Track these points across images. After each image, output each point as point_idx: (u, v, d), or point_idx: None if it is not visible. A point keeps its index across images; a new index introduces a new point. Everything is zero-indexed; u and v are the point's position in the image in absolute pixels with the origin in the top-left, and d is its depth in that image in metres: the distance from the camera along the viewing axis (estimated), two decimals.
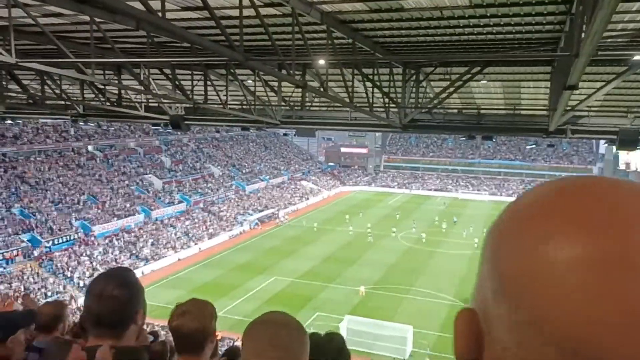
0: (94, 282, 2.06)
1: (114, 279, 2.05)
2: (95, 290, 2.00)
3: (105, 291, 1.97)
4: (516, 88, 16.41)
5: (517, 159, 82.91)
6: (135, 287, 2.08)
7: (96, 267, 38.88)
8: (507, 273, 0.47)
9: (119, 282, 2.02)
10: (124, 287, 2.02)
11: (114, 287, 1.99)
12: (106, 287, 1.99)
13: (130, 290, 2.04)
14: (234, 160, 72.76)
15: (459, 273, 40.52)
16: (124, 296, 1.99)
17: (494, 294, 0.48)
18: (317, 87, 13.29)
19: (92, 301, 2.00)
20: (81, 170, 50.99)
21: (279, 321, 1.58)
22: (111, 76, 16.01)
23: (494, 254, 0.50)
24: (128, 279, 2.09)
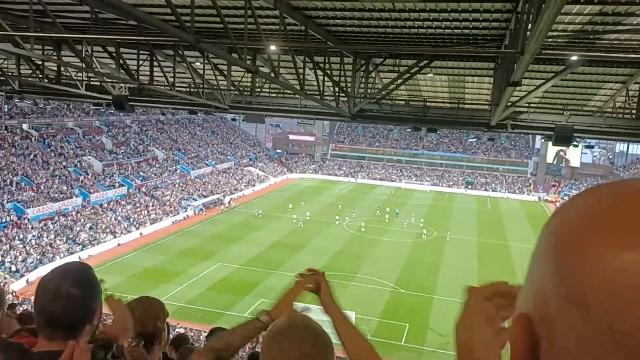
0: (48, 278, 1.88)
1: (71, 275, 1.88)
2: (50, 287, 1.83)
3: (61, 289, 1.81)
4: (461, 82, 16.93)
5: (459, 151, 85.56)
6: (93, 284, 1.94)
7: (30, 251, 37.18)
8: (577, 281, 0.45)
9: (76, 280, 1.87)
10: (81, 285, 1.87)
11: (71, 285, 1.83)
12: (62, 285, 1.82)
13: (88, 288, 1.90)
14: (179, 144, 71.11)
15: (400, 261, 41.58)
16: (81, 295, 1.85)
17: (562, 301, 0.46)
18: (268, 73, 13.19)
19: (46, 300, 1.83)
20: (15, 149, 48.33)
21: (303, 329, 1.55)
22: (51, 52, 15.23)
23: (558, 259, 0.48)
24: (85, 276, 1.94)
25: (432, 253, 43.98)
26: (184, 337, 5.01)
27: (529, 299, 0.52)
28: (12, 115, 51.20)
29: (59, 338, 1.83)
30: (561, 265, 0.47)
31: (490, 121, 14.21)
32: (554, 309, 0.47)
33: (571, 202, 0.51)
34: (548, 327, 0.48)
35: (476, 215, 61.38)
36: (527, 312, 0.52)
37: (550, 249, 0.49)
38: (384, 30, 11.68)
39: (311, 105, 16.87)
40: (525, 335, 0.51)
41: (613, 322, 0.42)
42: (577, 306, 0.44)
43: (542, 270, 0.50)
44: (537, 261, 0.51)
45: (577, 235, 0.47)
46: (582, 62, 11.73)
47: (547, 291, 0.48)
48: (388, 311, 31.76)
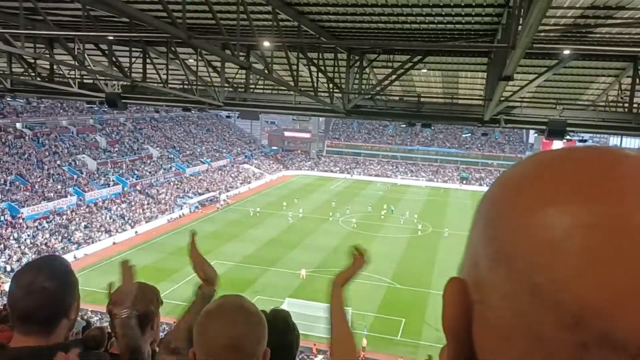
0: (21, 273, 1.82)
1: (45, 269, 1.82)
2: (23, 282, 1.78)
3: (35, 283, 1.75)
4: (454, 78, 16.94)
5: (453, 146, 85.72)
6: (68, 278, 1.88)
7: (25, 250, 37.06)
8: (503, 240, 0.46)
9: (50, 273, 1.80)
10: (55, 278, 1.80)
11: (45, 278, 1.77)
12: (35, 279, 1.76)
13: (63, 281, 1.84)
14: (174, 141, 70.90)
15: (396, 256, 41.67)
16: (55, 289, 1.78)
17: (488, 262, 0.47)
18: (261, 70, 13.17)
19: (19, 294, 1.77)
20: (8, 149, 48.08)
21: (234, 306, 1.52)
22: (42, 50, 15.14)
23: (489, 222, 0.49)
24: (60, 269, 1.87)
25: (427, 248, 44.10)
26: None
27: (465, 265, 0.53)
28: (5, 114, 50.92)
29: (34, 333, 1.79)
30: (490, 226, 0.48)
31: (484, 116, 14.24)
32: (483, 269, 0.48)
33: (505, 170, 0.52)
34: (478, 288, 0.49)
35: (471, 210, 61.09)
36: (460, 276, 0.53)
37: (481, 213, 0.51)
38: (377, 26, 11.68)
39: (306, 102, 16.86)
40: (456, 299, 0.51)
41: (532, 276, 0.43)
42: (502, 264, 0.45)
43: (475, 234, 0.51)
44: (472, 226, 0.52)
45: (504, 196, 0.49)
46: (575, 56, 11.77)
47: (478, 253, 0.49)
48: (384, 306, 31.85)
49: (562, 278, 0.41)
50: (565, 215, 0.42)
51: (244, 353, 1.45)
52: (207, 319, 1.50)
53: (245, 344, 1.45)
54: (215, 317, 1.48)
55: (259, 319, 1.52)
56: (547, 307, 0.42)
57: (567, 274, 0.41)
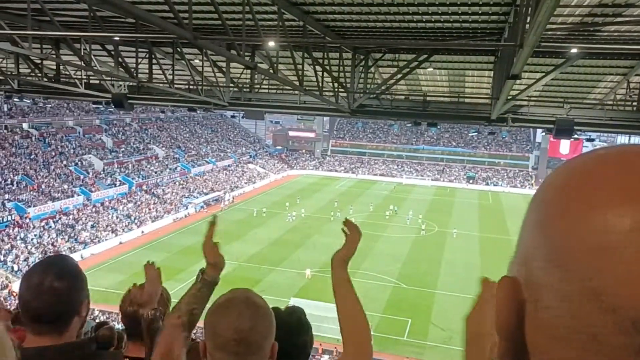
0: (30, 273, 1.84)
1: (53, 269, 1.84)
2: (32, 282, 1.80)
3: (44, 284, 1.77)
4: (461, 76, 16.87)
5: (460, 145, 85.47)
6: (77, 276, 1.89)
7: (31, 250, 37.23)
8: (557, 241, 0.46)
9: (59, 273, 1.82)
10: (64, 278, 1.82)
11: (54, 278, 1.78)
12: (44, 280, 1.78)
13: (72, 280, 1.85)
14: (179, 141, 71.08)
15: (402, 256, 41.60)
16: (65, 288, 1.80)
17: (542, 263, 0.47)
18: (266, 69, 13.16)
19: (30, 295, 1.79)
20: (15, 149, 48.33)
21: (242, 300, 1.54)
22: (49, 50, 15.20)
23: (541, 222, 0.48)
24: (68, 268, 1.89)
25: (433, 248, 43.98)
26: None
27: (516, 264, 0.53)
28: (12, 115, 51.20)
29: (47, 333, 1.80)
30: (544, 227, 0.48)
31: (491, 115, 14.18)
32: (537, 270, 0.48)
33: (557, 169, 0.52)
34: (533, 288, 0.49)
35: (478, 209, 61.36)
36: (513, 275, 0.53)
37: (534, 212, 0.51)
38: (383, 25, 11.64)
39: (310, 101, 16.84)
40: (510, 298, 0.51)
41: (589, 280, 0.43)
42: (558, 266, 0.45)
43: (527, 234, 0.51)
44: (524, 225, 0.52)
45: (559, 197, 0.48)
46: (582, 55, 11.69)
47: (531, 253, 0.49)
48: (390, 306, 31.79)
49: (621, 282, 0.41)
50: (623, 219, 0.41)
51: (251, 346, 1.47)
52: (216, 312, 1.52)
53: (253, 337, 1.47)
54: (224, 311, 1.50)
55: (267, 313, 1.54)
56: (604, 311, 0.42)
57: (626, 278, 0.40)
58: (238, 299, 1.54)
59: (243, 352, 1.47)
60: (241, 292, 1.58)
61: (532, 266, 0.49)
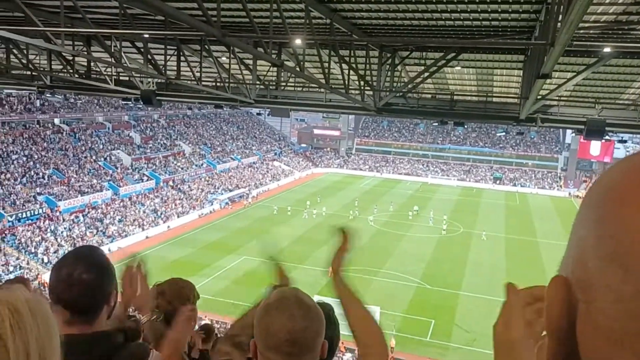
0: (60, 264, 1.88)
1: (82, 260, 1.87)
2: (62, 274, 1.83)
3: (74, 275, 1.81)
4: (489, 75, 16.63)
5: (486, 145, 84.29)
6: (106, 267, 1.93)
7: (61, 243, 38.13)
8: (621, 240, 0.44)
9: (88, 264, 1.86)
10: (93, 269, 1.86)
11: (83, 270, 1.82)
12: (74, 271, 1.82)
13: (101, 271, 1.89)
14: (206, 138, 71.83)
15: (426, 256, 41.27)
16: (94, 279, 1.84)
17: (600, 262, 0.46)
18: (293, 67, 13.19)
19: (60, 286, 1.82)
20: (46, 144, 49.55)
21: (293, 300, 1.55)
22: (80, 47, 15.51)
23: (601, 220, 0.46)
24: (97, 259, 1.92)
25: (458, 249, 43.50)
26: (210, 326, 5.09)
27: (569, 263, 0.52)
28: (44, 110, 52.47)
29: (77, 323, 1.84)
30: (602, 225, 0.46)
31: (520, 115, 13.94)
32: (594, 269, 0.47)
33: (615, 165, 0.50)
34: (586, 288, 0.48)
35: (504, 210, 60.44)
36: (564, 275, 0.52)
37: (591, 210, 0.49)
38: (411, 23, 11.54)
39: (336, 99, 16.82)
40: (561, 298, 0.50)
41: None
42: (616, 265, 0.44)
43: (582, 232, 0.49)
44: (578, 224, 0.51)
45: (619, 195, 0.46)
46: (616, 54, 11.40)
47: (587, 252, 0.48)
48: (413, 307, 31.57)
49: None
50: None
51: (302, 346, 1.49)
52: (267, 312, 1.53)
53: (304, 337, 1.49)
54: (275, 311, 1.52)
55: (318, 313, 1.55)
56: None
57: None
58: (289, 300, 1.54)
59: (296, 352, 1.48)
60: (291, 292, 1.59)
61: (588, 266, 0.47)
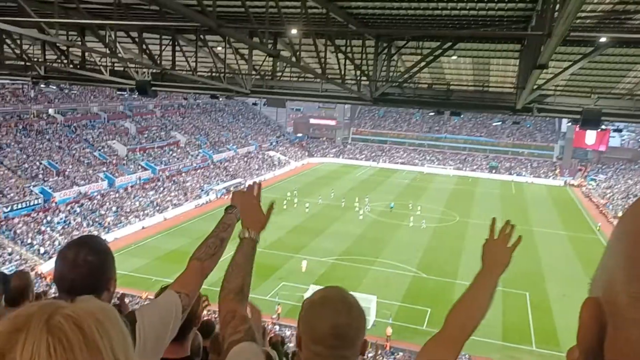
0: (66, 248, 2.02)
1: (87, 245, 2.02)
2: (69, 256, 1.97)
3: (79, 257, 1.95)
4: (485, 65, 16.60)
5: (482, 135, 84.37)
6: (108, 253, 2.07)
7: (58, 233, 38.08)
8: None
9: (92, 249, 2.00)
10: (97, 253, 2.00)
11: (87, 253, 1.96)
12: (79, 253, 1.96)
13: (103, 256, 2.03)
14: (201, 128, 71.60)
15: (421, 246, 41.45)
16: (97, 262, 1.98)
17: (629, 299, 0.48)
18: (289, 57, 13.12)
19: (65, 267, 1.96)
20: (41, 136, 49.26)
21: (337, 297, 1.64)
22: (75, 37, 15.38)
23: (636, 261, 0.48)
24: (100, 246, 2.08)
25: (454, 238, 43.70)
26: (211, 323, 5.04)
27: (600, 286, 0.54)
28: (38, 101, 52.10)
29: None
30: (632, 265, 0.48)
31: (516, 104, 13.94)
32: (623, 303, 0.49)
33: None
34: (616, 317, 0.50)
35: (500, 200, 60.67)
36: (597, 297, 0.54)
37: (623, 245, 0.50)
38: (407, 12, 11.49)
39: (332, 89, 16.77)
40: (593, 319, 0.53)
41: None
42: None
43: (614, 264, 0.51)
44: (610, 252, 0.53)
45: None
46: (612, 43, 11.39)
47: (617, 286, 0.50)
48: (409, 295, 31.77)
49: None
50: None
51: (345, 341, 1.59)
52: (313, 308, 1.64)
53: (348, 332, 1.59)
54: (320, 307, 1.63)
55: (360, 311, 1.65)
56: None
57: None
58: (334, 297, 1.65)
59: (340, 345, 1.59)
60: (336, 290, 1.69)
61: (618, 298, 0.50)
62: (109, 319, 0.81)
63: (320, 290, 1.72)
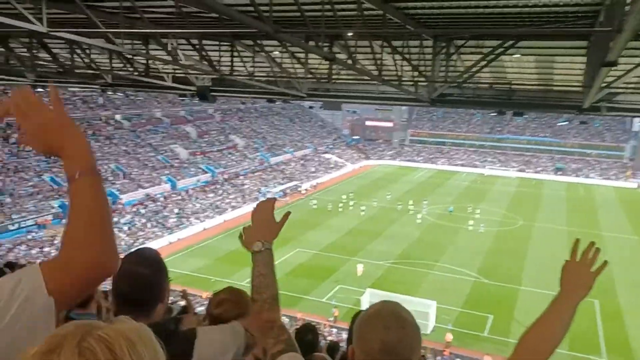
0: (122, 261, 2.00)
1: (141, 258, 2.07)
2: (123, 270, 1.96)
3: (133, 270, 1.98)
4: (550, 63, 15.89)
5: (547, 135, 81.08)
6: (160, 265, 2.11)
7: (124, 234, 39.81)
8: None
9: (146, 262, 2.05)
10: (150, 266, 2.05)
11: (141, 266, 2.01)
12: (133, 267, 2.00)
13: (156, 269, 2.07)
14: (259, 132, 72.91)
15: (482, 250, 40.30)
16: (150, 275, 2.02)
17: None
18: (345, 60, 13.08)
19: (120, 281, 2.01)
20: (109, 141, 51.77)
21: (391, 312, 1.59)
22: (139, 46, 16.00)
23: None
24: (153, 258, 2.11)
25: (517, 242, 42.20)
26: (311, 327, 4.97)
27: None
28: (106, 107, 54.81)
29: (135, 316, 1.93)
30: None
31: (583, 104, 13.27)
32: None
33: None
34: None
35: (567, 202, 58.07)
36: None
37: None
38: (466, 11, 11.16)
39: (389, 91, 16.58)
40: None
41: None
42: None
43: None
44: None
45: None
46: None
47: None
48: (470, 301, 30.93)
49: None
50: None
51: (396, 358, 1.53)
52: (365, 322, 1.60)
53: (400, 349, 1.53)
54: (373, 322, 1.58)
55: (414, 328, 1.59)
56: None
57: None
58: (386, 312, 1.60)
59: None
60: (390, 305, 1.64)
61: None
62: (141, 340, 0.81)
63: (376, 304, 1.67)
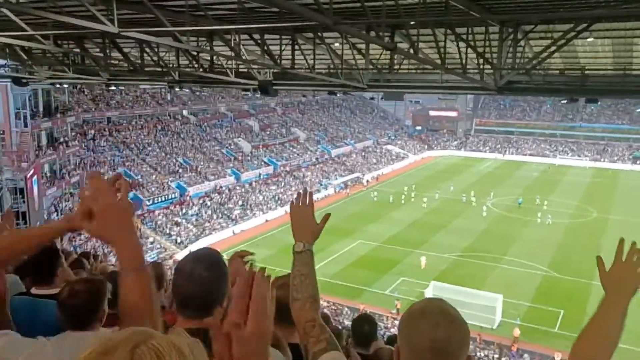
0: (184, 262, 2.06)
1: (203, 260, 2.04)
2: (185, 270, 2.00)
3: (194, 272, 1.97)
4: (628, 46, 14.88)
5: (624, 122, 76.31)
6: (222, 268, 2.08)
7: (192, 224, 41.30)
8: None
9: (208, 264, 2.02)
10: (212, 269, 2.01)
11: (203, 268, 1.98)
12: (195, 268, 1.98)
13: (218, 272, 2.03)
14: (320, 124, 73.24)
15: (553, 243, 38.64)
16: (211, 278, 1.99)
17: None
18: (406, 49, 12.82)
19: (181, 281, 2.00)
20: (176, 135, 53.77)
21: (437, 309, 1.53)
22: (204, 43, 16.42)
23: None
24: (215, 261, 2.08)
25: (591, 235, 40.10)
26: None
27: None
28: (174, 103, 56.94)
29: (193, 317, 1.98)
30: None
31: None
32: None
33: None
34: None
35: None
36: None
37: None
38: None
39: (453, 80, 16.13)
40: None
41: None
42: None
43: None
44: None
45: None
46: None
47: None
48: (540, 295, 29.79)
49: None
50: None
51: (446, 356, 1.48)
52: (411, 320, 1.54)
53: (448, 347, 1.47)
54: (418, 319, 1.52)
55: (462, 324, 1.53)
56: None
57: None
58: (433, 309, 1.54)
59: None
60: (436, 302, 1.59)
61: None
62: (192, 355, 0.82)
63: (420, 301, 1.61)
